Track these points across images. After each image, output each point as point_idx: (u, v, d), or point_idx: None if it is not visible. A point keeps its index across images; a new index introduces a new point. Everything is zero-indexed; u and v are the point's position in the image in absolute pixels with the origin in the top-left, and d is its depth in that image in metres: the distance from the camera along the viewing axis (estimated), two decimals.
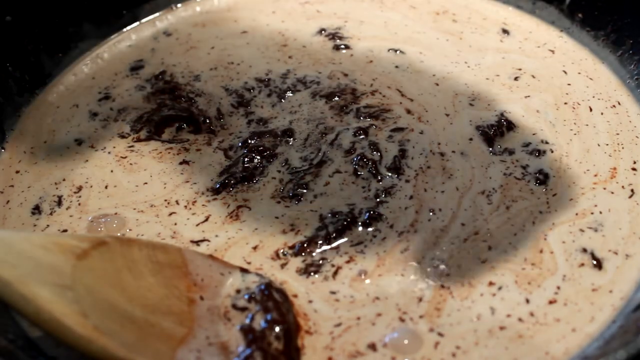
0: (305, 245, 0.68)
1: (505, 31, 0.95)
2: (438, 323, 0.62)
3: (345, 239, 0.68)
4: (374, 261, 0.66)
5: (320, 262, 0.67)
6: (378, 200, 0.72)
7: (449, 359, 0.59)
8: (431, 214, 0.71)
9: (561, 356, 0.59)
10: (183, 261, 0.63)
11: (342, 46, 0.93)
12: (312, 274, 0.66)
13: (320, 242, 0.68)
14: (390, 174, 0.74)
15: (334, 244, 0.68)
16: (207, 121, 0.82)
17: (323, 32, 0.96)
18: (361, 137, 0.78)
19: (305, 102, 0.84)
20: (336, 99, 0.84)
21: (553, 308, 0.63)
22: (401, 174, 0.74)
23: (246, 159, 0.76)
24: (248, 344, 0.58)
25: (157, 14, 1.00)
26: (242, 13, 1.01)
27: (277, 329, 0.59)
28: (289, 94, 0.85)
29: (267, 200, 0.73)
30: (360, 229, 0.69)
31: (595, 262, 0.67)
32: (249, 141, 0.78)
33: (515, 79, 0.87)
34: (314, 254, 0.67)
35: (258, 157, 0.77)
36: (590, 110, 0.83)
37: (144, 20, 1.00)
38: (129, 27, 0.99)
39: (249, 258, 0.67)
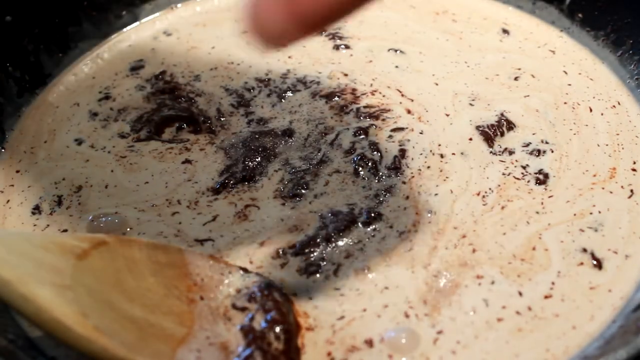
0: (305, 244, 0.68)
1: (505, 31, 0.95)
2: (438, 320, 0.62)
3: (345, 238, 0.68)
4: (376, 257, 0.67)
5: (321, 260, 0.67)
6: (378, 200, 0.72)
7: (449, 355, 0.60)
8: (429, 215, 0.71)
9: (561, 355, 0.60)
10: (183, 261, 0.63)
11: (342, 46, 0.93)
12: (312, 273, 0.66)
13: (320, 241, 0.68)
14: (390, 174, 0.74)
15: (335, 243, 0.68)
16: (207, 121, 0.82)
17: (323, 32, 0.95)
18: (361, 137, 0.78)
19: (305, 102, 0.84)
20: (336, 99, 0.84)
21: (550, 303, 0.63)
22: (401, 174, 0.74)
23: (246, 159, 0.76)
24: (248, 343, 0.58)
25: (157, 14, 1.00)
26: (242, 13, 1.00)
27: (277, 328, 0.59)
28: (289, 93, 0.85)
29: (268, 200, 0.73)
30: (360, 228, 0.69)
31: (595, 262, 0.67)
32: (249, 141, 0.78)
33: (515, 78, 0.87)
34: (314, 253, 0.67)
35: (258, 157, 0.77)
36: (590, 110, 0.83)
37: (144, 20, 1.00)
38: (129, 27, 0.99)
39: (249, 257, 0.67)
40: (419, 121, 0.81)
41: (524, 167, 0.75)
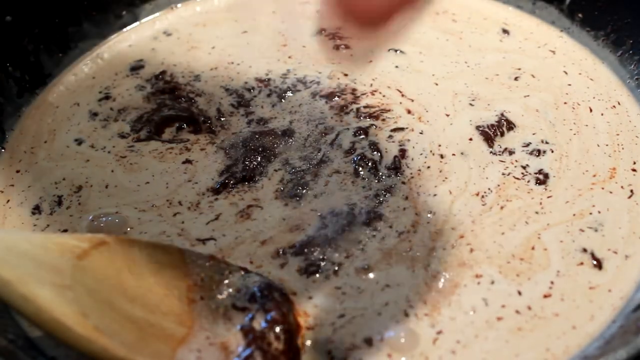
0: (305, 244, 0.68)
1: (505, 31, 0.95)
2: (438, 320, 0.62)
3: (345, 238, 0.68)
4: (377, 257, 0.67)
5: (321, 260, 0.67)
6: (378, 200, 0.72)
7: (449, 355, 0.60)
8: (429, 215, 0.71)
9: (561, 355, 0.60)
10: (183, 261, 0.63)
11: (342, 46, 0.93)
12: (312, 273, 0.66)
13: (320, 241, 0.68)
14: (390, 174, 0.74)
15: (335, 243, 0.68)
16: (207, 121, 0.82)
17: (323, 32, 0.95)
18: (361, 137, 0.78)
19: (305, 102, 0.84)
20: (336, 99, 0.84)
21: (549, 302, 0.63)
22: (401, 174, 0.75)
23: (246, 159, 0.76)
24: (248, 344, 0.58)
25: (157, 14, 1.00)
26: (242, 13, 1.01)
27: (277, 329, 0.59)
28: (289, 94, 0.85)
29: (268, 200, 0.73)
30: (360, 228, 0.69)
31: (595, 262, 0.67)
32: (249, 141, 0.78)
33: (515, 78, 0.87)
34: (314, 252, 0.67)
35: (258, 157, 0.77)
36: (590, 110, 0.83)
37: (144, 20, 1.00)
38: (129, 27, 0.99)
39: (250, 257, 0.67)
40: (419, 121, 0.81)
41: (523, 167, 0.75)
